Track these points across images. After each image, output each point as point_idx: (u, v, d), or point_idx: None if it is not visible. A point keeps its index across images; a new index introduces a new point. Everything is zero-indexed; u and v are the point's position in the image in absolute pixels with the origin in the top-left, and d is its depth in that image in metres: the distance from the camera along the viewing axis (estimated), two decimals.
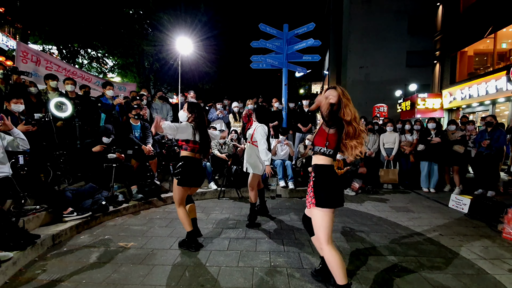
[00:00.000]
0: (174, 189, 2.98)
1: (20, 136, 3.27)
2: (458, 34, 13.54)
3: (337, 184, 2.10)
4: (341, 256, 2.03)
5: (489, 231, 3.76)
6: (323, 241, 2.04)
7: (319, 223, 2.05)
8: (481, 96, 11.58)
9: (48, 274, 2.51)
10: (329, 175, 2.08)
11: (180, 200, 2.99)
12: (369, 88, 19.06)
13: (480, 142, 5.63)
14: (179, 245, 3.14)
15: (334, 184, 2.07)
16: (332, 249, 2.02)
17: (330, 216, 2.04)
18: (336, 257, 2.00)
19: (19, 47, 6.46)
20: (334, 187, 2.06)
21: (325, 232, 2.03)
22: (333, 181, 2.07)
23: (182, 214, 3.01)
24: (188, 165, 2.94)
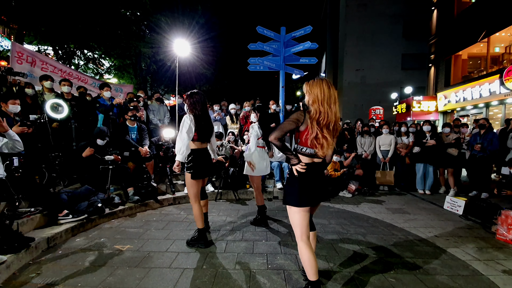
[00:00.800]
0: (188, 185, 3.10)
1: (15, 137, 3.24)
2: (452, 38, 13.72)
3: (309, 183, 2.05)
4: (313, 253, 2.07)
5: (483, 233, 3.80)
6: (297, 237, 2.07)
7: (292, 220, 2.10)
8: (475, 99, 11.73)
9: (42, 278, 2.48)
10: (301, 174, 2.03)
11: (196, 195, 3.10)
12: (365, 91, 19.22)
13: (473, 145, 5.70)
14: (187, 244, 3.20)
15: (305, 183, 2.04)
16: (306, 245, 2.03)
17: (302, 214, 2.04)
18: (308, 254, 2.02)
19: (14, 48, 6.41)
20: (305, 187, 2.03)
21: (298, 228, 2.06)
22: (304, 181, 2.03)
23: (197, 210, 3.11)
24: (196, 157, 3.07)
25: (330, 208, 4.94)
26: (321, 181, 2.14)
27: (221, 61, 17.07)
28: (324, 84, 2.00)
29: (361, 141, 6.84)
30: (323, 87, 1.99)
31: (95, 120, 5.46)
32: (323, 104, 1.96)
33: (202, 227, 3.16)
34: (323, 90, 1.97)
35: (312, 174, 2.07)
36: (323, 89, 1.98)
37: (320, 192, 2.13)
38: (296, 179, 2.04)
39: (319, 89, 1.98)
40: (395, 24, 18.76)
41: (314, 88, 2.00)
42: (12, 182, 3.19)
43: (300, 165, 2.01)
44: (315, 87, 2.00)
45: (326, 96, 1.97)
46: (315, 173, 2.09)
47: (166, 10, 12.57)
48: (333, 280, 2.51)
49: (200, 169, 3.07)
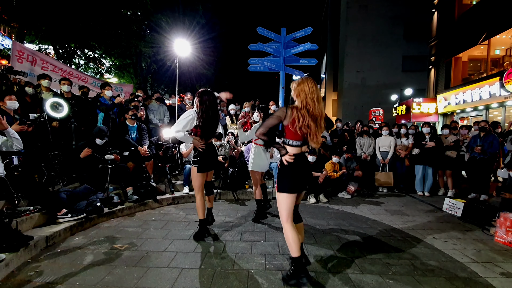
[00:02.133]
0: (193, 177, 3.32)
1: (14, 136, 3.24)
2: (452, 40, 13.74)
3: (297, 172, 2.30)
4: (297, 232, 2.33)
5: (481, 235, 3.80)
6: (284, 219, 2.34)
7: (281, 205, 2.35)
8: (475, 101, 11.73)
9: (41, 276, 2.48)
10: (290, 164, 2.27)
11: (200, 186, 3.32)
12: (365, 92, 19.26)
13: (473, 147, 5.70)
14: (194, 238, 3.38)
15: (295, 172, 2.28)
16: (291, 226, 2.31)
17: (291, 199, 2.31)
18: (293, 233, 2.29)
19: (15, 47, 6.42)
20: (295, 175, 2.28)
21: (285, 212, 2.33)
22: (293, 170, 2.28)
23: (199, 200, 3.32)
24: (202, 151, 3.25)
25: (329, 209, 4.94)
26: (307, 170, 2.41)
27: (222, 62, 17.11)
28: (309, 82, 2.24)
29: (360, 142, 6.85)
30: (308, 84, 2.22)
31: (95, 119, 5.47)
32: (309, 97, 2.19)
33: (203, 218, 3.36)
34: (308, 86, 2.21)
35: (299, 163, 2.31)
36: (308, 85, 2.21)
37: (306, 179, 2.40)
38: (286, 168, 2.29)
39: (306, 85, 2.22)
40: (396, 26, 18.82)
41: (301, 84, 2.24)
42: (11, 180, 3.20)
43: (288, 155, 2.27)
44: (302, 83, 2.24)
45: (312, 91, 2.20)
46: (301, 163, 2.33)
47: (167, 10, 12.61)
48: (331, 280, 2.51)
49: (204, 163, 3.27)
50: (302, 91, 2.21)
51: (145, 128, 5.52)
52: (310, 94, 2.19)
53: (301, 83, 2.24)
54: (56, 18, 9.42)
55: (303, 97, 2.20)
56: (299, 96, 2.23)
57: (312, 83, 2.24)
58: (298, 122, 2.16)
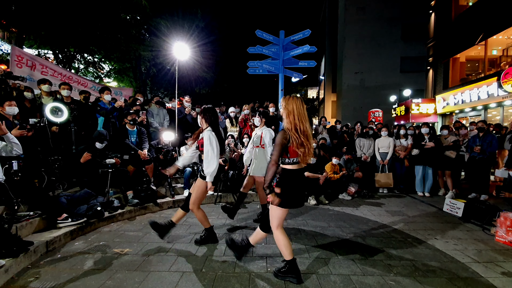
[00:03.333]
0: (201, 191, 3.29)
1: (14, 141, 3.24)
2: (450, 41, 13.80)
3: (295, 189, 2.41)
4: (288, 238, 2.51)
5: (482, 235, 3.80)
6: (274, 227, 2.49)
7: (274, 216, 2.47)
8: (473, 102, 11.77)
9: (41, 282, 2.47)
10: (287, 179, 2.38)
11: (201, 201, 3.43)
12: (364, 93, 19.32)
13: (473, 147, 5.72)
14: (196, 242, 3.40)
15: (293, 189, 2.39)
16: (281, 232, 2.48)
17: (284, 213, 2.46)
18: (284, 238, 2.47)
19: (14, 51, 6.44)
20: (293, 192, 2.39)
21: (277, 222, 2.47)
22: (292, 187, 2.39)
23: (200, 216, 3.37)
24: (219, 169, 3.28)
25: (329, 211, 4.94)
26: (302, 188, 2.49)
27: (221, 65, 17.13)
28: (298, 101, 2.33)
29: (360, 143, 6.86)
30: (298, 103, 2.31)
31: (94, 123, 5.47)
32: (297, 117, 2.28)
33: (209, 226, 3.43)
34: (298, 106, 2.30)
35: (296, 180, 2.40)
36: (298, 105, 2.31)
37: (301, 197, 2.50)
38: (284, 186, 2.36)
39: (295, 105, 2.31)
40: (394, 27, 18.92)
41: (290, 104, 2.32)
42: (11, 185, 3.19)
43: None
44: (291, 103, 2.31)
45: (300, 111, 2.30)
46: (298, 179, 2.42)
47: (166, 14, 12.66)
48: (332, 282, 2.50)
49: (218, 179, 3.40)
50: (290, 113, 2.29)
51: (145, 132, 5.52)
52: (298, 115, 2.28)
53: (288, 103, 2.32)
54: (55, 22, 9.45)
55: (292, 119, 2.29)
56: (289, 117, 2.31)
57: (300, 102, 2.32)
58: (295, 142, 2.25)
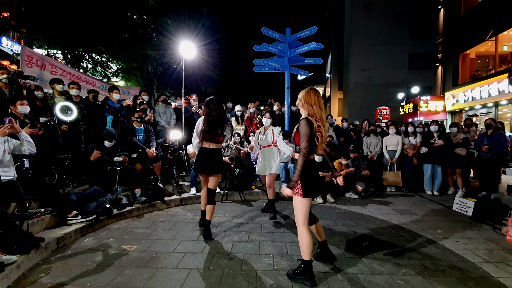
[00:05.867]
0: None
1: (27, 139, 3.31)
2: (459, 37, 13.53)
3: (315, 177, 2.49)
4: (311, 237, 2.44)
5: (493, 234, 3.73)
6: (300, 223, 2.43)
7: (299, 209, 2.43)
8: (483, 99, 11.54)
9: (52, 278, 2.52)
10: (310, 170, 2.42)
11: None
12: (371, 91, 19.10)
13: (481, 145, 5.60)
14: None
15: (314, 177, 2.45)
16: (306, 230, 2.42)
17: (307, 204, 2.42)
18: (308, 237, 2.40)
19: (24, 52, 6.55)
20: (311, 180, 2.42)
21: (303, 216, 2.43)
22: (313, 175, 2.44)
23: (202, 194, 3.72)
24: (198, 154, 3.50)
25: (336, 210, 4.91)
26: (318, 175, 2.59)
27: (227, 63, 17.13)
28: (317, 93, 2.47)
29: (367, 141, 6.79)
30: (316, 94, 2.44)
31: (103, 122, 5.54)
32: (315, 105, 2.39)
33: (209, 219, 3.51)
34: (316, 97, 2.42)
35: (314, 169, 2.49)
36: (316, 96, 2.42)
37: (320, 184, 2.61)
38: (305, 176, 2.36)
39: (313, 96, 2.42)
40: (401, 24, 18.62)
41: (309, 95, 2.43)
42: (22, 183, 3.26)
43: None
44: (310, 95, 2.43)
45: (318, 101, 2.42)
46: (316, 168, 2.52)
47: (172, 13, 12.70)
48: (340, 281, 2.49)
49: (197, 165, 3.50)
50: (315, 104, 2.39)
51: (152, 130, 5.58)
52: (317, 103, 2.41)
53: (309, 94, 2.43)
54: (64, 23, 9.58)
55: (310, 108, 2.40)
56: (308, 106, 2.41)
57: (317, 93, 2.46)
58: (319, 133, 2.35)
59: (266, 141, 4.31)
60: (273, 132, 4.26)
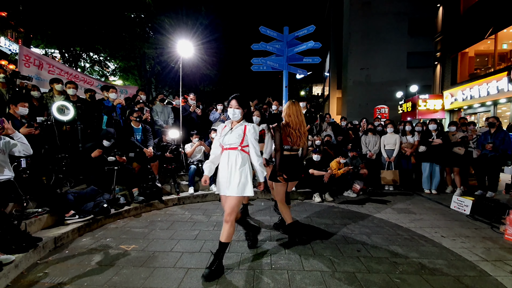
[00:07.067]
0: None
1: (22, 140, 3.28)
2: (458, 35, 13.55)
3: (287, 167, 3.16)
4: (288, 209, 3.34)
5: (491, 233, 3.74)
6: (279, 200, 3.31)
7: (276, 190, 3.30)
8: (482, 97, 11.56)
9: (50, 277, 2.52)
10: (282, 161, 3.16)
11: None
12: (370, 90, 19.08)
13: (484, 144, 5.59)
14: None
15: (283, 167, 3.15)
16: (284, 205, 3.31)
17: (282, 187, 3.25)
18: (286, 209, 3.32)
19: (22, 51, 6.52)
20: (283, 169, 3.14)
21: (280, 195, 3.28)
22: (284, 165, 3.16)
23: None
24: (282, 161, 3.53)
25: (334, 208, 4.92)
26: (295, 167, 3.25)
27: (225, 62, 17.10)
28: (296, 105, 3.21)
29: (365, 140, 6.79)
30: (294, 106, 3.18)
31: (100, 121, 5.52)
32: (292, 115, 3.15)
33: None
34: (294, 108, 3.17)
35: (289, 161, 3.19)
36: (294, 107, 3.17)
37: (294, 173, 3.26)
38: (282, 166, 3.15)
39: (292, 108, 3.17)
40: (400, 22, 18.59)
41: (289, 108, 3.19)
42: (20, 183, 3.25)
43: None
44: (290, 107, 3.18)
45: (293, 110, 3.16)
46: (291, 161, 3.21)
47: (170, 12, 12.66)
48: (338, 280, 2.50)
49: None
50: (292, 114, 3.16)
51: (150, 130, 5.56)
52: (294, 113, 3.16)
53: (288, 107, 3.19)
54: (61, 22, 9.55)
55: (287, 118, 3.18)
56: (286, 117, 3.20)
57: (296, 106, 3.19)
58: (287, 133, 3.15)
59: (231, 140, 2.69)
60: (245, 129, 2.68)
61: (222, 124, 2.90)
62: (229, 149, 2.69)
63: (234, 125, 2.74)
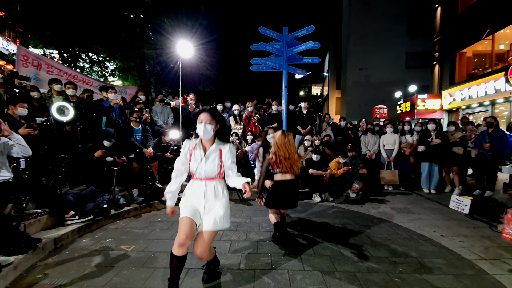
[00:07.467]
0: None
1: (20, 142, 3.23)
2: (456, 36, 13.60)
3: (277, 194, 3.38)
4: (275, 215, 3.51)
5: (489, 232, 3.76)
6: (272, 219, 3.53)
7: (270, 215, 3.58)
8: (480, 97, 11.61)
9: (49, 279, 2.52)
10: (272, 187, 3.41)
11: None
12: (369, 90, 19.13)
13: (482, 143, 5.61)
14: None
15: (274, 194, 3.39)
16: (275, 215, 3.52)
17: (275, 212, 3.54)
18: (275, 217, 3.49)
19: (20, 51, 6.51)
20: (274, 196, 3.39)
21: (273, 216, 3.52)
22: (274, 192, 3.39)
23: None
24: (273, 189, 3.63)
25: (334, 208, 4.93)
26: (289, 194, 3.39)
27: (224, 62, 17.10)
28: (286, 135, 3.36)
29: (365, 140, 6.81)
30: (284, 137, 3.34)
31: (99, 122, 5.51)
32: (280, 147, 3.30)
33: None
34: (281, 139, 3.32)
35: (281, 188, 3.35)
36: (283, 138, 3.33)
37: (286, 201, 3.44)
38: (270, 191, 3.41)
39: (281, 139, 3.33)
40: (399, 23, 18.66)
41: (278, 139, 3.35)
42: (19, 184, 3.24)
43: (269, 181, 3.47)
44: (279, 138, 3.34)
45: (283, 142, 3.31)
46: (284, 188, 3.35)
47: (170, 12, 12.65)
48: (338, 279, 2.50)
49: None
50: (280, 145, 3.31)
51: (150, 130, 5.56)
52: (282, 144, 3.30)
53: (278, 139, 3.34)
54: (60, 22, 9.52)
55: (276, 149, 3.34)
56: (274, 146, 3.38)
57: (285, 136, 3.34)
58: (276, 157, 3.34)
59: (207, 170, 2.24)
60: (221, 155, 2.26)
61: (189, 142, 2.30)
62: (205, 179, 2.26)
63: (206, 148, 2.25)
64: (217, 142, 2.27)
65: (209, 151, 2.22)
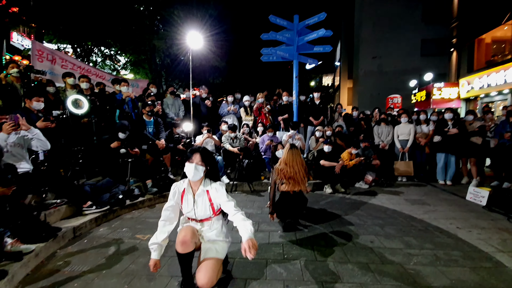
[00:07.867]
0: None
1: (39, 137, 3.34)
2: (475, 21, 12.97)
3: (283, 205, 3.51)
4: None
5: (507, 224, 3.65)
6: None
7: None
8: (499, 85, 11.14)
9: (69, 266, 2.62)
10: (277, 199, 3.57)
11: None
12: (382, 79, 18.66)
13: (502, 133, 5.40)
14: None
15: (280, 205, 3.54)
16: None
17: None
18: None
19: (35, 46, 6.63)
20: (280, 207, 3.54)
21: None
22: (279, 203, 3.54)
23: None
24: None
25: (346, 199, 4.89)
26: (295, 205, 3.48)
27: (234, 53, 16.95)
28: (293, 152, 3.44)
29: (378, 130, 6.66)
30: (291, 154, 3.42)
31: (113, 115, 5.60)
32: (287, 164, 3.39)
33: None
34: (289, 157, 3.40)
35: (287, 198, 3.45)
36: (291, 155, 3.40)
37: (291, 212, 3.50)
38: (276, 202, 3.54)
39: (287, 155, 3.42)
40: (414, 9, 17.97)
41: (286, 156, 3.43)
42: (38, 175, 3.35)
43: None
44: (286, 155, 3.43)
45: (290, 160, 3.38)
46: (290, 198, 3.45)
47: (179, 3, 12.57)
48: (351, 271, 2.50)
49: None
50: (286, 161, 3.40)
51: (162, 122, 5.62)
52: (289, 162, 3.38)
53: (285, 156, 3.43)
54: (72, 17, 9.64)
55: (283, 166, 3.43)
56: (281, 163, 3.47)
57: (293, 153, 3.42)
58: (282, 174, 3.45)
59: (200, 213, 2.18)
60: (209, 197, 2.15)
61: (177, 185, 2.21)
62: (202, 221, 2.21)
63: (195, 191, 2.15)
64: (204, 183, 2.16)
65: (197, 195, 2.14)
